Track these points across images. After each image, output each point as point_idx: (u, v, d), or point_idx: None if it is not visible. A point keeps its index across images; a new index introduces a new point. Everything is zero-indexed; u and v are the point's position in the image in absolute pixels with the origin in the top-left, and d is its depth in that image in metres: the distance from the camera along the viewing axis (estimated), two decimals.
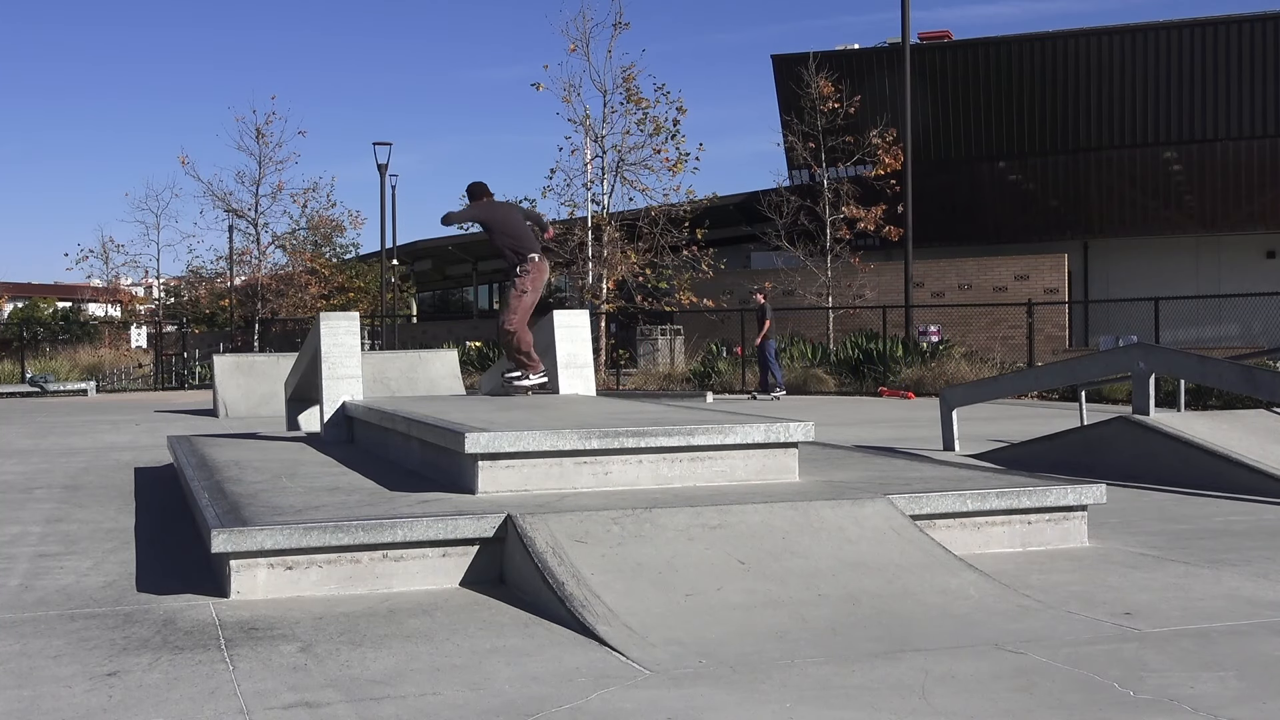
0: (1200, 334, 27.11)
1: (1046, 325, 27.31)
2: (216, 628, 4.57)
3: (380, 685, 3.84)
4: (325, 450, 8.45)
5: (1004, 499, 6.03)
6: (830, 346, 25.84)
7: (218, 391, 18.02)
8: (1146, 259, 32.02)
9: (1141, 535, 6.52)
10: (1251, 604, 4.88)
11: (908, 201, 24.94)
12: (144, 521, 7.28)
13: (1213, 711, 3.49)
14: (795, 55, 32.08)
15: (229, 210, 33.34)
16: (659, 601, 4.67)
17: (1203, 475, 8.42)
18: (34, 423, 16.89)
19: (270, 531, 5.07)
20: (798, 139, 28.72)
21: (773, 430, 6.35)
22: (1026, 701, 3.60)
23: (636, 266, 26.83)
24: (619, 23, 26.82)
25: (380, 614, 4.78)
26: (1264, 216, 30.58)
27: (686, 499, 5.69)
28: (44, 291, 60.52)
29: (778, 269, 30.27)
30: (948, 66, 32.99)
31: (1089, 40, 31.82)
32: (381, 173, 36.40)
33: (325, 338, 9.24)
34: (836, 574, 5.02)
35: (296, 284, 34.25)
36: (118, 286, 41.83)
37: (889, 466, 7.32)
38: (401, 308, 50.34)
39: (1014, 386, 12.94)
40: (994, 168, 33.00)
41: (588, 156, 27.64)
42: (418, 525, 5.21)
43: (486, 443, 5.89)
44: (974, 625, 4.50)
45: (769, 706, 3.58)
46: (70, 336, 38.92)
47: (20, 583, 5.47)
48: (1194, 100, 30.73)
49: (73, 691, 3.79)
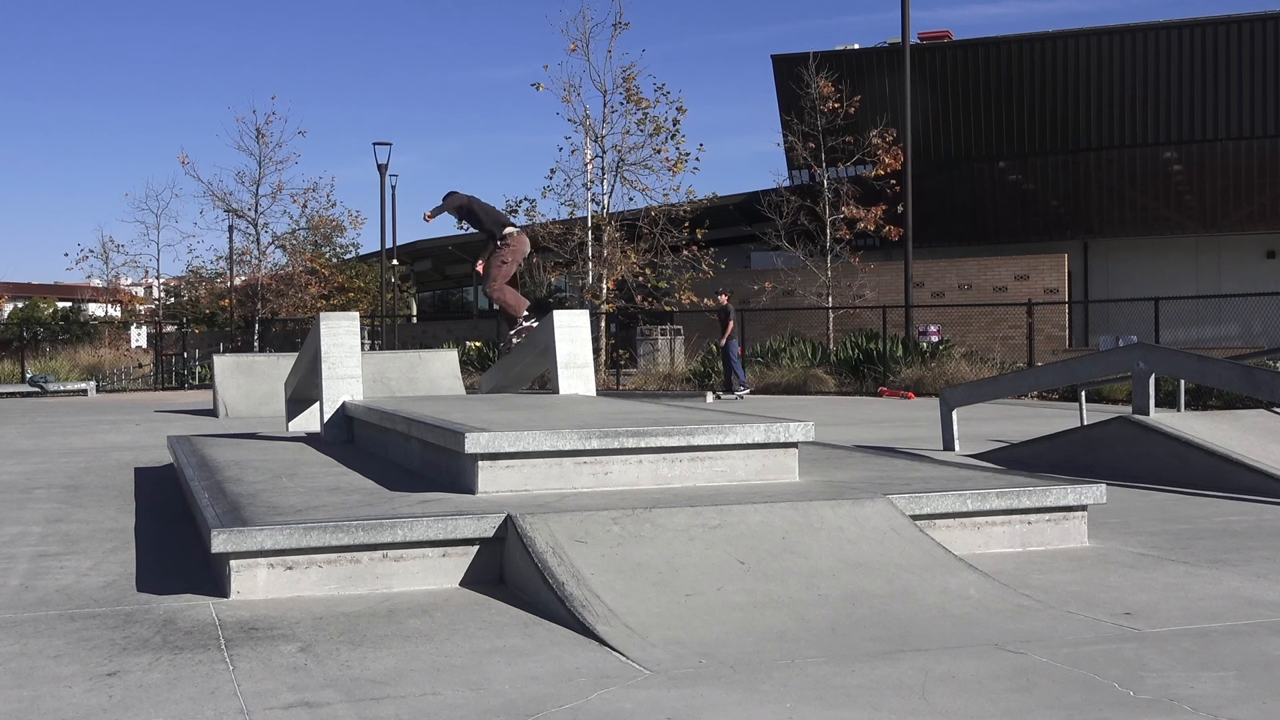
0: (1200, 334, 27.12)
1: (1046, 325, 27.32)
2: (216, 628, 4.57)
3: (380, 685, 3.84)
4: (325, 450, 8.45)
5: (1004, 499, 6.03)
6: (830, 346, 25.85)
7: (218, 391, 18.02)
8: (1146, 259, 32.03)
9: (1141, 535, 6.52)
10: (1251, 604, 4.88)
11: (908, 201, 24.95)
12: (144, 521, 7.28)
13: (1213, 711, 3.49)
14: (795, 55, 32.10)
15: (229, 210, 33.39)
16: (659, 601, 4.67)
17: (1203, 475, 8.42)
18: (34, 423, 16.90)
19: (270, 531, 5.07)
20: (798, 139, 28.73)
21: (773, 430, 6.35)
22: (1026, 701, 3.60)
23: (636, 266, 26.84)
24: (619, 23, 26.87)
25: (380, 614, 4.78)
26: (1264, 216, 30.59)
27: (686, 499, 5.69)
28: (44, 291, 60.52)
29: (778, 269, 30.26)
30: (948, 66, 32.99)
31: (1089, 40, 31.83)
32: (381, 173, 36.42)
33: (325, 338, 9.24)
34: (836, 574, 5.02)
35: (296, 284, 34.27)
36: (118, 286, 41.84)
37: (889, 466, 7.32)
38: (401, 308, 50.34)
39: (1014, 386, 12.94)
40: (994, 168, 33.00)
41: (588, 156, 27.66)
42: (418, 525, 5.21)
43: (486, 443, 5.89)
44: (974, 625, 4.50)
45: (769, 706, 3.58)
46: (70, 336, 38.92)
47: (20, 583, 5.47)
48: (1194, 100, 30.74)
49: (73, 691, 3.79)
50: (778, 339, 26.11)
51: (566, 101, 26.98)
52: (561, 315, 9.70)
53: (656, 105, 27.08)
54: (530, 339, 10.46)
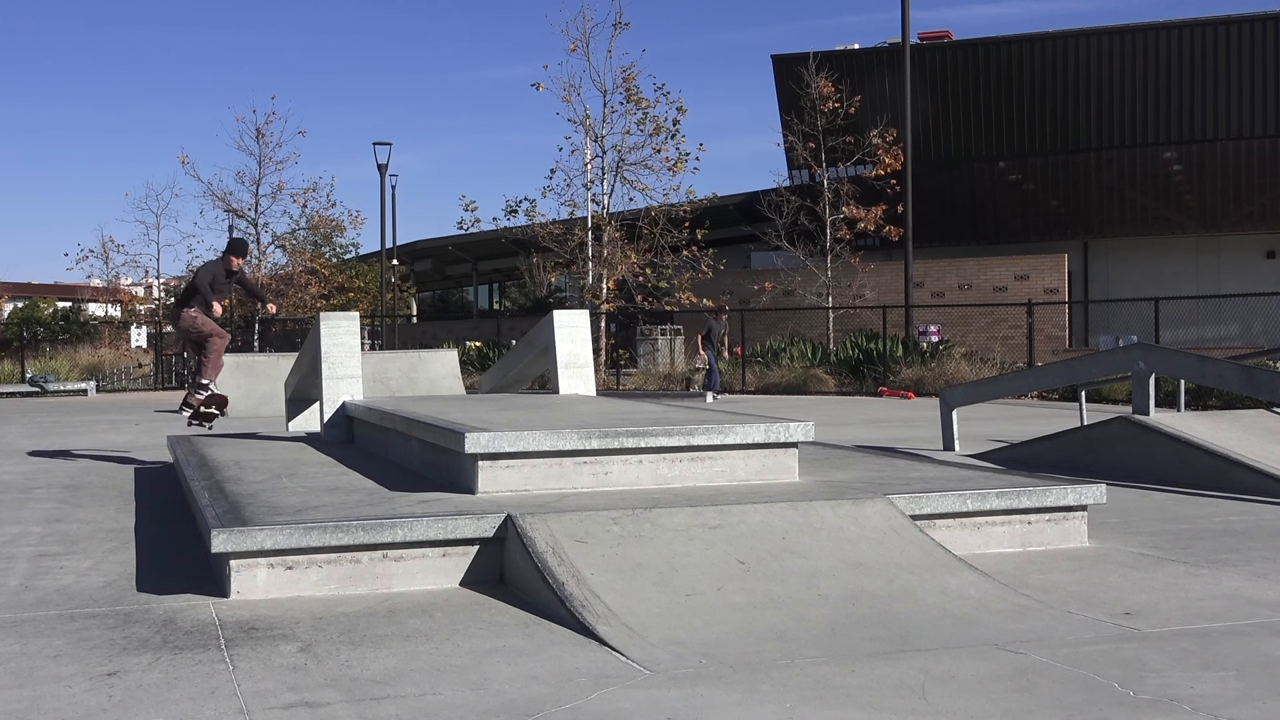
0: (1200, 334, 27.11)
1: (1046, 325, 27.31)
2: (216, 628, 4.57)
3: (380, 685, 3.84)
4: (325, 450, 8.45)
5: (1004, 499, 6.03)
6: (830, 346, 25.85)
7: None
8: (1146, 259, 32.02)
9: (1141, 535, 6.52)
10: (1251, 604, 4.88)
11: (908, 201, 24.95)
12: (144, 521, 7.28)
13: (1213, 711, 3.49)
14: (795, 55, 32.09)
15: (229, 210, 33.36)
16: (659, 601, 4.67)
17: (1202, 475, 8.42)
18: (34, 423, 16.89)
19: (270, 531, 5.07)
20: (798, 139, 28.72)
21: (773, 430, 6.35)
22: (1026, 701, 3.60)
23: (636, 266, 26.84)
24: (619, 23, 26.87)
25: (380, 614, 4.78)
26: (1264, 216, 30.58)
27: (686, 499, 5.69)
28: (44, 291, 60.45)
29: (778, 269, 30.26)
30: (948, 66, 32.99)
31: (1089, 40, 31.82)
32: (381, 173, 36.41)
33: (325, 338, 9.24)
34: (836, 574, 5.02)
35: (296, 284, 34.27)
36: (118, 286, 41.84)
37: (889, 466, 7.32)
38: (401, 308, 50.33)
39: (1014, 386, 12.95)
40: (994, 168, 33.00)
41: (588, 156, 27.66)
42: (418, 525, 5.21)
43: (486, 443, 5.89)
44: (974, 625, 4.50)
45: (769, 706, 3.58)
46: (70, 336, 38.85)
47: (20, 583, 5.47)
48: (1194, 100, 30.73)
49: (73, 691, 3.79)
50: (778, 339, 26.11)
51: (566, 101, 27.02)
52: (561, 315, 9.70)
53: (656, 105, 27.12)
54: (530, 339, 10.46)
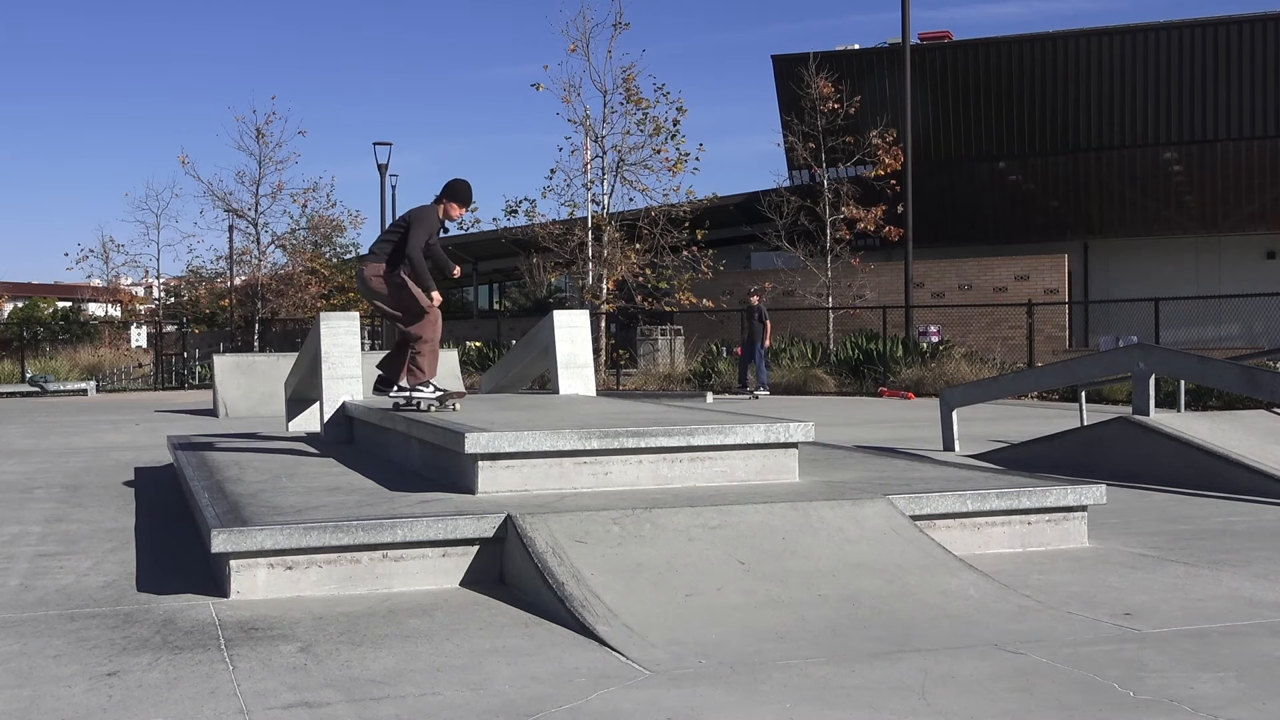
0: (1200, 334, 27.08)
1: (1046, 326, 27.29)
2: (216, 628, 4.57)
3: (380, 685, 3.84)
4: (325, 450, 8.45)
5: (1004, 499, 6.03)
6: (830, 347, 25.84)
7: (218, 391, 18.02)
8: (1146, 259, 32.01)
9: (1141, 536, 6.52)
10: (1251, 604, 4.88)
11: (908, 201, 24.94)
12: (144, 521, 7.28)
13: (1213, 712, 3.49)
14: (795, 55, 32.07)
15: (229, 210, 33.35)
16: (659, 601, 4.67)
17: (1203, 476, 8.42)
18: (34, 422, 16.89)
19: (270, 531, 5.07)
20: (798, 139, 28.71)
21: (773, 430, 6.35)
22: (1026, 702, 3.60)
23: (636, 267, 26.82)
24: (619, 23, 26.83)
25: (380, 614, 4.78)
26: (1264, 217, 30.57)
27: (686, 499, 5.69)
28: (44, 291, 60.48)
29: (778, 269, 30.24)
30: (948, 66, 32.99)
31: (1089, 40, 31.82)
32: (381, 173, 36.40)
33: (325, 338, 9.25)
34: (836, 574, 5.02)
35: (296, 284, 34.23)
36: (118, 286, 41.81)
37: (889, 467, 7.32)
38: None
39: (1014, 387, 12.94)
40: (994, 168, 32.99)
41: (588, 156, 27.65)
42: (418, 525, 5.21)
43: (486, 443, 5.89)
44: (974, 626, 4.50)
45: (769, 707, 3.58)
46: (70, 336, 38.83)
47: (20, 583, 5.47)
48: (1194, 100, 30.73)
49: (73, 691, 3.79)
50: (778, 339, 26.09)
51: (566, 102, 26.98)
52: (561, 315, 9.71)
53: (656, 105, 27.07)
54: (530, 339, 10.46)
